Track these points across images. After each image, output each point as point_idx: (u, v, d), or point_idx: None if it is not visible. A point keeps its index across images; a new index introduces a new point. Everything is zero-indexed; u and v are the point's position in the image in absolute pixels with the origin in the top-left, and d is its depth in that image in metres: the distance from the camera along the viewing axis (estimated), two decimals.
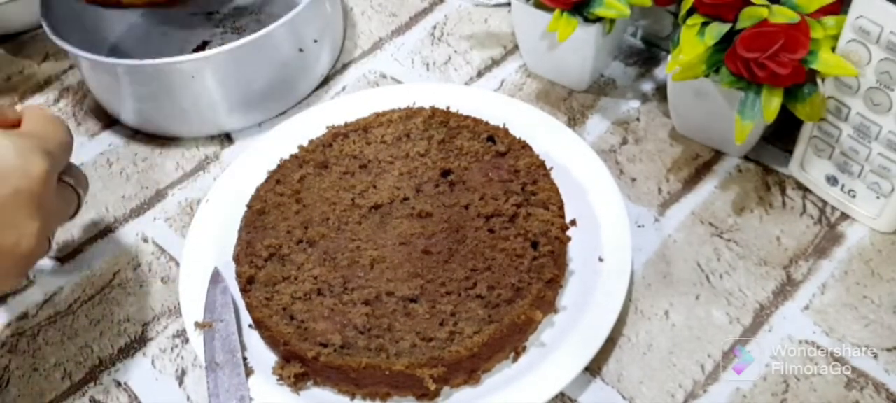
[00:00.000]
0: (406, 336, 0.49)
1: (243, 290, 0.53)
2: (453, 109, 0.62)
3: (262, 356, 0.52)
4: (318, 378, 0.50)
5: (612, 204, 0.56)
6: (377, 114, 0.63)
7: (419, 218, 0.55)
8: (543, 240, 0.52)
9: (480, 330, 0.48)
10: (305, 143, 0.61)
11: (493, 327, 0.49)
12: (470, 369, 0.49)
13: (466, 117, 0.61)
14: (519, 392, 0.48)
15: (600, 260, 0.54)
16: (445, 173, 0.58)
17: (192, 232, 0.59)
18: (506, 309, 0.50)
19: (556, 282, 0.52)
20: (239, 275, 0.54)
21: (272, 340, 0.52)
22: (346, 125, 0.62)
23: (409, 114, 0.62)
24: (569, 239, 0.54)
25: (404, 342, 0.48)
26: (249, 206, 0.58)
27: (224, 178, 0.62)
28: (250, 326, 0.54)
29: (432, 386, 0.47)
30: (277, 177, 0.59)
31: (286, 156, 0.61)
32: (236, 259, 0.55)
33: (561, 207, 0.55)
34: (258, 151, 0.64)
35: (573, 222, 0.56)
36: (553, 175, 0.57)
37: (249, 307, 0.53)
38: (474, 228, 0.54)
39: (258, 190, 0.59)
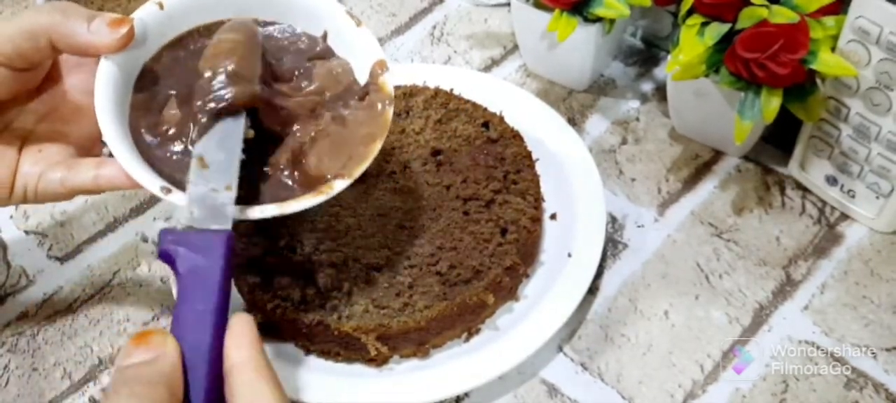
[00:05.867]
0: (361, 301, 0.51)
1: None
2: (465, 95, 0.63)
3: (234, 302, 0.54)
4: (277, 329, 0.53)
5: (593, 201, 0.57)
6: None
7: (400, 193, 0.56)
8: (512, 229, 0.54)
9: (432, 305, 0.50)
10: None
11: (444, 304, 0.50)
12: (418, 341, 0.51)
13: (466, 101, 0.62)
14: (463, 369, 0.50)
15: (569, 255, 0.54)
16: (436, 153, 0.59)
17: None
18: (461, 288, 0.51)
19: (515, 270, 0.53)
20: None
21: (240, 288, 0.54)
22: None
23: (413, 91, 0.64)
24: (536, 230, 0.55)
25: (358, 306, 0.50)
26: None
27: None
28: None
29: (374, 352, 0.49)
30: None
31: None
32: None
33: (537, 199, 0.56)
34: None
35: (553, 216, 0.57)
36: (546, 169, 0.58)
37: None
38: (451, 209, 0.55)
39: None
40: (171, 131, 0.45)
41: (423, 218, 0.55)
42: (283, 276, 0.52)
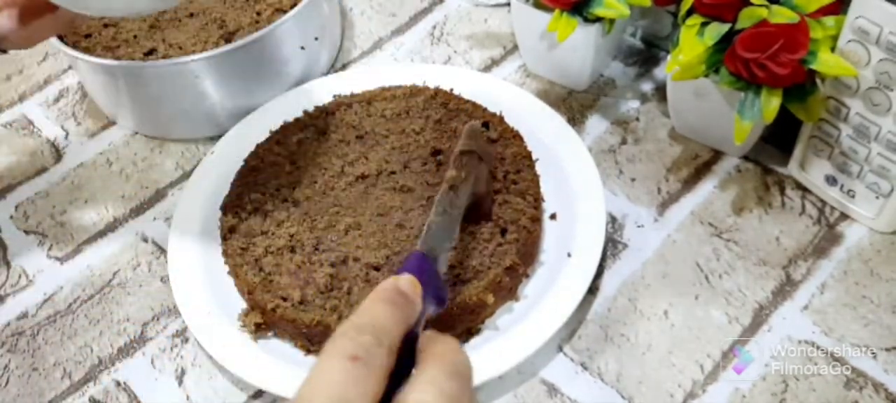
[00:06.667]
0: (361, 301, 0.50)
1: (224, 238, 0.56)
2: (466, 95, 0.63)
3: (234, 302, 0.55)
4: (277, 329, 0.53)
5: (592, 201, 0.57)
6: (383, 89, 0.65)
7: (400, 193, 0.57)
8: (512, 229, 0.54)
9: None
10: (311, 109, 0.65)
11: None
12: None
13: (466, 101, 0.63)
14: None
15: (569, 255, 0.54)
16: (436, 152, 0.59)
17: (194, 178, 0.62)
18: (461, 288, 0.51)
19: (515, 270, 0.53)
20: (222, 224, 0.57)
21: (240, 288, 0.55)
22: (352, 96, 0.65)
23: (413, 91, 0.64)
24: (536, 230, 0.55)
25: (358, 306, 0.50)
26: (246, 162, 0.61)
27: (232, 133, 0.65)
28: (229, 273, 0.56)
29: None
30: (278, 137, 0.63)
31: (290, 119, 0.64)
32: (223, 208, 0.58)
33: (537, 199, 0.56)
34: (266, 112, 0.66)
35: (553, 216, 0.58)
36: (546, 169, 0.58)
37: (225, 254, 0.56)
38: None
39: (257, 147, 0.62)
40: None
41: (423, 218, 0.55)
42: (282, 276, 0.53)
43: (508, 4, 0.73)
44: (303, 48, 0.69)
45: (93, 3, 0.49)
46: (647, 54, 0.71)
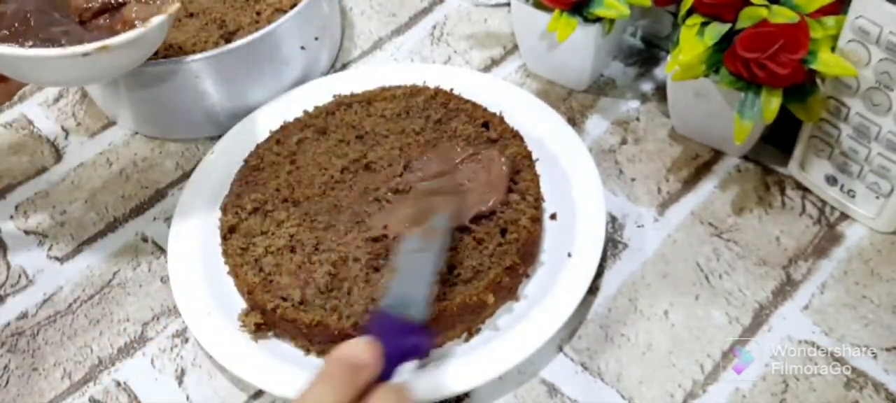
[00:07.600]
0: (361, 301, 0.51)
1: (224, 238, 0.56)
2: (466, 95, 0.63)
3: (234, 302, 0.55)
4: (277, 329, 0.53)
5: (592, 201, 0.57)
6: (383, 88, 0.65)
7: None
8: (512, 229, 0.54)
9: (432, 305, 0.50)
10: (311, 109, 0.65)
11: (444, 304, 0.50)
12: None
13: (466, 101, 0.63)
14: (463, 369, 0.50)
15: (569, 255, 0.54)
16: None
17: (194, 178, 0.62)
18: (461, 288, 0.51)
19: (515, 271, 0.53)
20: (222, 224, 0.57)
21: (240, 288, 0.55)
22: (352, 95, 0.65)
23: (413, 91, 0.64)
24: (536, 230, 0.55)
25: (358, 306, 0.51)
26: (246, 161, 0.61)
27: (232, 133, 0.65)
28: (229, 273, 0.56)
29: None
30: (278, 137, 0.63)
31: (290, 119, 0.64)
32: (223, 208, 0.58)
33: (537, 199, 0.56)
34: (266, 112, 0.66)
35: (553, 216, 0.57)
36: (546, 169, 0.58)
37: (225, 254, 0.56)
38: None
39: (257, 147, 0.62)
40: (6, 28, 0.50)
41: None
42: (282, 276, 0.53)
43: (508, 4, 0.73)
44: (303, 48, 0.69)
45: (33, 76, 0.53)
46: (647, 54, 0.71)
